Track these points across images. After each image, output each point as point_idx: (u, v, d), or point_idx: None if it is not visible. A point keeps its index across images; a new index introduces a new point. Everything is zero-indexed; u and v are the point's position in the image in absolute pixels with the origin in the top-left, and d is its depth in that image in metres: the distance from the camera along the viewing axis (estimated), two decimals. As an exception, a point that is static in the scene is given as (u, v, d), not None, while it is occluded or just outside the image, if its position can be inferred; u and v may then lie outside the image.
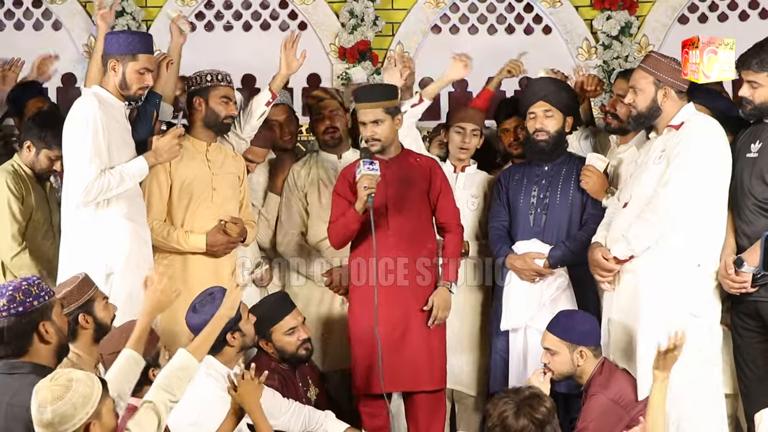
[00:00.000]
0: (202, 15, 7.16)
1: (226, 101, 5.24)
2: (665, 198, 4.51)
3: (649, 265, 4.57)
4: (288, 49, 5.38)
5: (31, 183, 5.25)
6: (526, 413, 3.70)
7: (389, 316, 4.90)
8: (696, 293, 4.55)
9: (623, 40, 6.93)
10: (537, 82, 5.29)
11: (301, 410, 4.76)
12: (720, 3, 7.07)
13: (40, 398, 3.21)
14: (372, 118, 4.94)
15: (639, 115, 4.71)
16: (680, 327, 4.24)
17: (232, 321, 4.49)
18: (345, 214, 4.92)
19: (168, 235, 5.13)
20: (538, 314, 5.00)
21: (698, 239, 4.55)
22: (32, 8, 7.12)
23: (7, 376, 3.56)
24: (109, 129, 4.76)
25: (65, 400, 3.20)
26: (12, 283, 3.60)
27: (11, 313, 3.55)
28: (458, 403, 5.53)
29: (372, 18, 6.96)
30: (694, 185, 4.51)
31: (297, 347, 4.99)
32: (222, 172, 5.28)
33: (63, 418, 3.19)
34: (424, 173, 5.04)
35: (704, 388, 4.54)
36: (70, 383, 3.23)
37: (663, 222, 4.52)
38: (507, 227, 5.23)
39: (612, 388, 4.53)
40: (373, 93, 5.07)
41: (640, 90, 4.66)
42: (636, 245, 4.58)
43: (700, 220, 4.53)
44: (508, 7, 7.14)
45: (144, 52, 4.88)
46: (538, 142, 5.14)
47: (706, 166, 4.52)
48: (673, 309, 4.50)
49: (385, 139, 4.97)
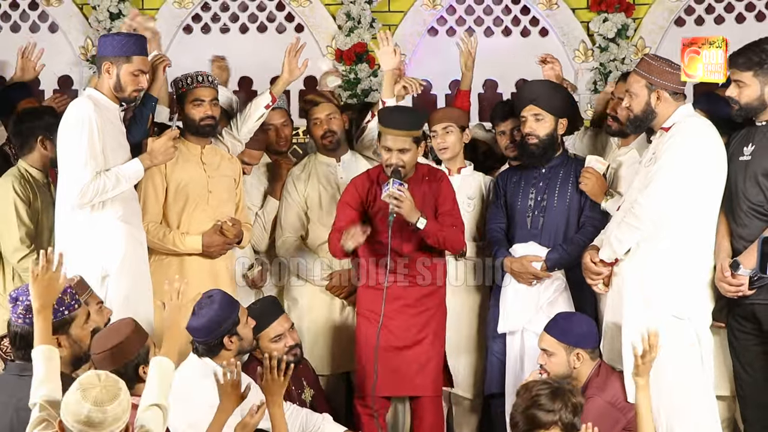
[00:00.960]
0: (199, 17, 7.16)
1: (198, 103, 5.21)
2: (644, 200, 4.50)
3: (633, 267, 4.57)
4: (291, 56, 5.40)
5: (37, 186, 5.24)
6: (563, 397, 3.75)
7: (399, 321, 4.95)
8: (681, 295, 4.52)
9: (620, 42, 6.94)
10: (528, 86, 5.29)
11: (299, 413, 4.75)
12: (716, 5, 7.07)
13: (94, 396, 3.18)
14: (400, 146, 4.93)
15: (635, 119, 4.70)
16: (651, 329, 4.28)
17: (231, 323, 4.49)
18: (341, 246, 4.92)
19: (164, 237, 5.13)
20: (535, 317, 5.00)
21: (686, 241, 4.53)
22: (29, 10, 7.13)
23: (18, 377, 3.58)
24: (104, 131, 4.76)
25: (119, 401, 3.21)
26: None
27: (26, 322, 3.57)
28: (455, 405, 5.53)
29: (369, 20, 6.97)
30: (678, 186, 4.48)
31: (284, 354, 4.98)
32: (217, 175, 5.28)
33: (114, 419, 3.19)
34: (433, 190, 5.07)
35: (694, 390, 4.52)
36: (119, 385, 3.24)
37: (642, 225, 4.51)
38: (505, 229, 5.22)
39: (608, 391, 4.53)
40: (403, 121, 4.97)
41: (634, 94, 4.65)
42: (618, 248, 4.58)
43: (687, 221, 4.51)
44: (504, 9, 7.15)
45: (138, 54, 4.87)
46: (529, 145, 5.14)
47: (692, 167, 4.49)
48: (656, 311, 4.49)
49: (409, 167, 4.98)
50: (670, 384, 4.47)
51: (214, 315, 4.46)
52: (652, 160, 4.60)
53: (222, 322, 4.47)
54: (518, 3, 7.13)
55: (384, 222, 4.93)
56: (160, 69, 5.25)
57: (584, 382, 4.58)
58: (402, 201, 4.83)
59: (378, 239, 4.99)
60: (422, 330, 5.02)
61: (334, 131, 5.58)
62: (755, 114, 4.57)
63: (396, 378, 4.97)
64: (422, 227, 4.89)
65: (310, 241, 5.57)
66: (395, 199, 4.82)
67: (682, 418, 4.49)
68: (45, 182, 5.30)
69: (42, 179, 5.28)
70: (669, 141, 4.54)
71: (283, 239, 5.59)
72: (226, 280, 5.24)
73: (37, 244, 5.15)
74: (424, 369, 5.02)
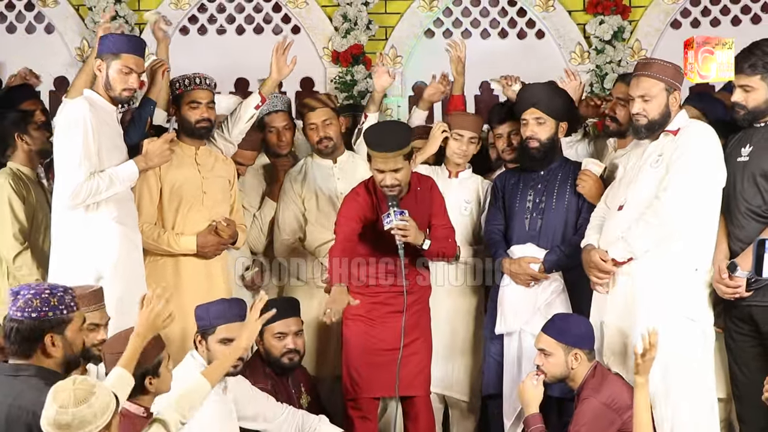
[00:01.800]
0: (195, 18, 7.14)
1: (195, 106, 5.22)
2: (666, 202, 4.48)
3: (647, 269, 4.56)
4: (279, 54, 5.38)
5: (30, 183, 5.24)
6: None
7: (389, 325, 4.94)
8: (692, 297, 4.55)
9: (616, 44, 6.94)
10: (529, 89, 5.27)
11: (295, 414, 4.76)
12: (712, 8, 7.08)
13: (62, 399, 3.19)
14: (392, 167, 4.82)
15: (652, 123, 4.62)
16: (650, 327, 4.29)
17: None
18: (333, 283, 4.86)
19: (158, 238, 5.13)
20: (532, 318, 5.00)
21: (696, 244, 4.55)
22: (24, 11, 7.11)
23: (12, 378, 3.58)
24: (100, 132, 4.76)
25: (88, 405, 3.19)
26: (36, 287, 3.62)
27: (24, 315, 3.57)
28: (452, 408, 5.53)
29: (365, 22, 6.96)
30: (694, 190, 4.50)
31: (281, 353, 5.00)
32: (212, 176, 5.28)
33: (82, 423, 3.18)
34: (426, 200, 5.04)
35: (699, 392, 4.54)
36: (94, 389, 3.23)
37: (664, 225, 4.51)
38: (503, 231, 5.22)
39: (604, 392, 4.53)
40: (392, 143, 4.81)
41: (652, 97, 4.59)
42: (636, 247, 4.56)
43: (698, 224, 4.53)
44: (501, 11, 7.15)
45: (128, 52, 4.86)
46: (530, 149, 5.14)
47: (705, 171, 4.51)
48: (670, 313, 4.51)
49: (404, 184, 4.90)
50: (681, 385, 4.48)
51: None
52: (659, 162, 4.58)
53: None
54: (514, 5, 7.13)
55: (379, 234, 4.88)
56: (159, 73, 5.25)
57: (580, 384, 4.59)
58: (407, 230, 4.81)
59: (367, 245, 4.97)
60: (412, 331, 4.99)
61: (330, 137, 5.58)
62: (761, 117, 4.58)
63: (390, 379, 4.95)
64: (427, 248, 4.91)
65: (308, 243, 5.57)
66: (400, 229, 4.81)
67: (689, 420, 4.50)
68: (36, 179, 5.30)
69: (33, 176, 5.29)
70: (684, 143, 4.53)
71: (281, 241, 5.59)
72: (221, 281, 5.23)
73: (33, 242, 5.16)
74: (417, 369, 5.00)
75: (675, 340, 4.48)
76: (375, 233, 4.92)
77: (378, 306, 4.97)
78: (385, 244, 4.88)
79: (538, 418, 4.56)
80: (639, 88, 4.64)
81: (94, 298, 4.35)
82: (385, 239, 4.87)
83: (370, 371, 4.94)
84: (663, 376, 4.49)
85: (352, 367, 5.00)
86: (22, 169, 5.25)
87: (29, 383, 3.52)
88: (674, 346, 4.48)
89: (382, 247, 4.91)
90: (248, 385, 4.70)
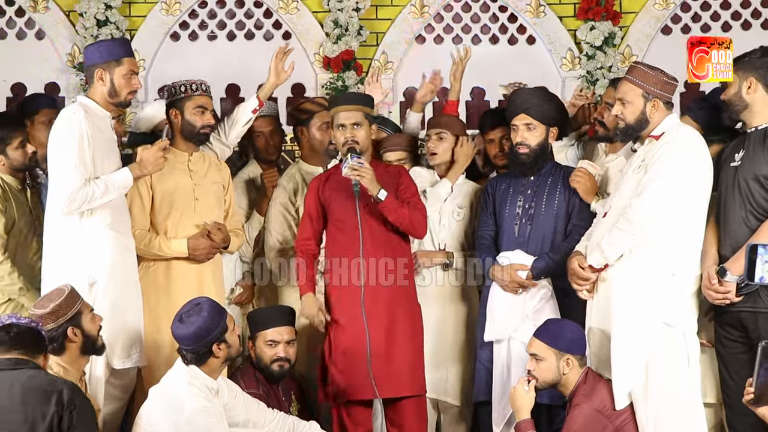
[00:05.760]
0: (187, 24, 7.15)
1: (201, 111, 5.24)
2: (639, 206, 4.50)
3: (623, 274, 4.57)
4: (278, 60, 5.44)
5: (11, 192, 5.23)
6: None
7: (377, 321, 4.92)
8: (669, 302, 4.53)
9: (607, 50, 6.96)
10: (519, 94, 5.27)
11: (286, 420, 4.76)
12: (703, 14, 7.11)
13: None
14: (353, 121, 5.01)
15: (627, 127, 4.67)
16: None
17: (219, 331, 4.48)
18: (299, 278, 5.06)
19: (149, 243, 5.12)
20: (521, 325, 4.99)
21: (673, 248, 4.54)
22: (15, 17, 7.11)
23: (12, 370, 3.73)
24: (94, 139, 4.75)
25: None
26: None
27: (20, 319, 3.89)
28: (444, 413, 5.52)
29: (356, 28, 6.98)
30: (669, 194, 4.49)
31: (271, 361, 5.03)
32: (205, 182, 5.27)
33: None
34: (393, 179, 5.07)
35: (683, 396, 4.54)
36: None
37: (636, 231, 4.51)
38: (493, 237, 5.22)
39: (596, 398, 4.53)
40: (353, 97, 5.26)
41: (628, 102, 4.63)
42: (609, 254, 4.58)
43: (675, 229, 4.52)
44: (492, 17, 7.17)
45: (126, 56, 4.90)
46: (520, 155, 5.14)
47: (682, 175, 4.50)
48: (646, 317, 4.50)
49: (362, 144, 5.02)
50: (660, 390, 4.48)
51: (202, 323, 4.46)
52: (641, 167, 4.60)
53: (211, 330, 4.46)
54: (505, 11, 7.15)
55: (344, 217, 4.98)
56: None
57: (572, 389, 4.59)
58: (362, 171, 4.86)
59: (340, 240, 5.00)
60: (394, 329, 4.97)
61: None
62: (737, 114, 4.60)
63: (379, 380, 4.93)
64: (383, 198, 4.90)
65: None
66: (355, 170, 4.85)
67: (671, 424, 4.50)
68: (19, 188, 5.29)
69: (16, 183, 5.28)
70: (662, 149, 4.54)
71: (270, 246, 5.58)
72: (212, 286, 5.22)
73: (19, 251, 5.15)
74: (402, 370, 4.96)
75: (653, 344, 4.48)
76: (345, 233, 4.97)
77: (343, 304, 4.98)
78: (350, 237, 4.95)
79: (530, 424, 4.56)
80: (619, 91, 4.72)
81: (73, 297, 4.40)
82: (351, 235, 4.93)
83: (357, 373, 4.92)
84: (645, 381, 4.49)
85: (340, 370, 4.98)
86: (5, 178, 5.24)
87: (31, 372, 3.76)
88: (653, 351, 4.48)
89: (352, 249, 4.95)
90: (239, 391, 4.70)
